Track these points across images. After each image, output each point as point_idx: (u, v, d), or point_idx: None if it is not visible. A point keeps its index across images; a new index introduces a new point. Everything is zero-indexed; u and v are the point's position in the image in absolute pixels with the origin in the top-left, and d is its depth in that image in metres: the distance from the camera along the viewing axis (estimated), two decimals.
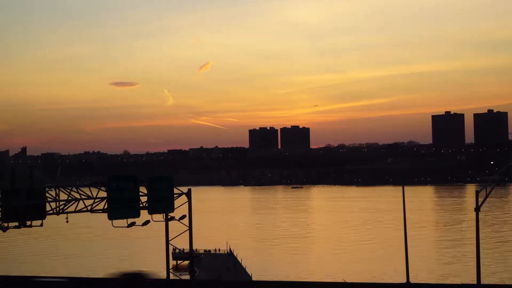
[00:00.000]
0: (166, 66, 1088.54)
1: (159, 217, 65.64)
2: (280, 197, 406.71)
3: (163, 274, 76.70)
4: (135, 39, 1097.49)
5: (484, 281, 63.22)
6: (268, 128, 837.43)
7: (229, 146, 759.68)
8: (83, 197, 57.40)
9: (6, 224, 51.07)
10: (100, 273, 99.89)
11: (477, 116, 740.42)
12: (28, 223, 52.47)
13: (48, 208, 54.31)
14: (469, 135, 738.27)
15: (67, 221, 58.82)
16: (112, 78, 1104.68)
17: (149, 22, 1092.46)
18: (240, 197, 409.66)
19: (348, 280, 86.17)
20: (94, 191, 58.55)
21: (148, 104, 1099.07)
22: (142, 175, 66.96)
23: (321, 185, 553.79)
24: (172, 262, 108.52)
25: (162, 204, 63.23)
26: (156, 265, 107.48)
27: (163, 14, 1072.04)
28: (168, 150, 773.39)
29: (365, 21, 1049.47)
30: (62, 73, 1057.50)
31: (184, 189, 67.81)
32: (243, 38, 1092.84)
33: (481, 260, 56.23)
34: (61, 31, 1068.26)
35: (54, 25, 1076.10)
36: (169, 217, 66.70)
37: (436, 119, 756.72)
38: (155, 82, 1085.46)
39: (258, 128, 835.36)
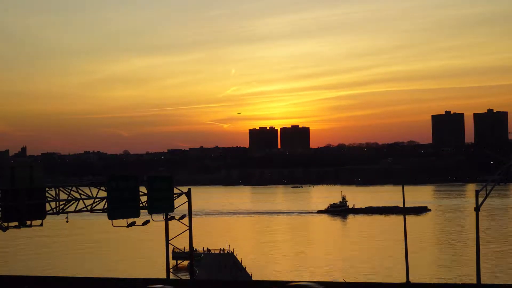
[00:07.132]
0: None
1: (159, 217, 65.62)
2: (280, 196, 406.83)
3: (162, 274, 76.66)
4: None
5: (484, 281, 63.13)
6: (268, 128, 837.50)
7: (229, 146, 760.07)
8: (83, 197, 57.43)
9: (6, 224, 51.08)
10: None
11: (477, 116, 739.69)
12: (28, 222, 52.49)
13: (48, 208, 54.35)
14: (469, 135, 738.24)
15: (67, 221, 58.83)
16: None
17: None
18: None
19: (348, 280, 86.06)
20: (94, 191, 58.55)
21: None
22: (142, 175, 67.02)
23: (321, 185, 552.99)
24: (172, 262, 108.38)
25: (162, 204, 63.22)
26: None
27: None
28: (168, 150, 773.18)
29: (364, 19, 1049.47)
30: (59, 71, 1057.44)
31: (184, 189, 67.76)
32: None
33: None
34: (63, 27, 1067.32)
35: (55, 23, 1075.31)
36: (169, 217, 66.68)
37: (436, 119, 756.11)
38: None
39: (258, 128, 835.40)
